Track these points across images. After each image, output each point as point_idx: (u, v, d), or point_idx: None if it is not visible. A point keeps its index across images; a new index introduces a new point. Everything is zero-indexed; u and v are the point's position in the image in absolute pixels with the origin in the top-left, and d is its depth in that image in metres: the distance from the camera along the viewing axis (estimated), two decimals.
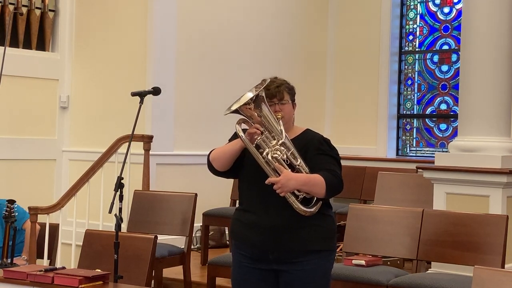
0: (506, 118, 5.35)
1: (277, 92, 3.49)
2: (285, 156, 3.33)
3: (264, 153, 3.32)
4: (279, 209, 3.38)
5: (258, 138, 3.33)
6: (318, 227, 3.43)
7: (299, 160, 3.37)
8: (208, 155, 3.54)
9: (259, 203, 3.44)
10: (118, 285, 3.79)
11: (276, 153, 3.32)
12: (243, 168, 3.51)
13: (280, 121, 3.41)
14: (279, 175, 3.29)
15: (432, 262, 5.12)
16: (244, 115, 3.40)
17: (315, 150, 3.46)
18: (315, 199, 3.38)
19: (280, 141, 3.35)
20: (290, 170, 3.32)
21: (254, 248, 3.46)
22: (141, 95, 4.39)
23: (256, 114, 3.37)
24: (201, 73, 7.42)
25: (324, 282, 3.49)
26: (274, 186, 3.27)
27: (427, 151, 8.28)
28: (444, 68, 8.23)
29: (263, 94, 3.37)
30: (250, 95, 3.35)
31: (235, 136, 3.55)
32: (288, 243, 3.40)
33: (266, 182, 3.29)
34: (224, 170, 3.52)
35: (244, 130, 3.39)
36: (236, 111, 3.38)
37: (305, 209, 3.34)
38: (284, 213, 3.37)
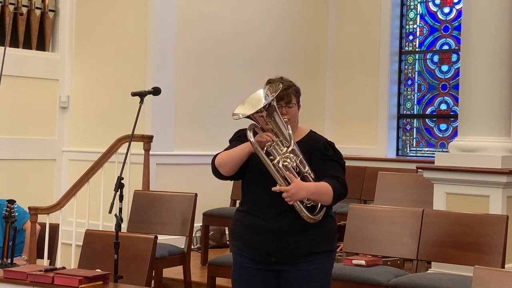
0: (506, 118, 5.35)
1: (285, 95, 3.46)
2: (294, 163, 3.32)
3: (275, 161, 3.29)
4: (282, 212, 3.37)
5: (269, 146, 3.30)
6: (321, 229, 3.43)
7: (307, 167, 3.37)
8: (213, 160, 3.50)
9: (262, 206, 3.43)
10: (118, 285, 3.79)
11: (286, 161, 3.29)
12: (247, 171, 3.49)
13: (289, 125, 3.38)
14: (288, 183, 3.28)
15: (432, 262, 5.12)
16: (254, 121, 3.36)
17: (320, 155, 3.46)
18: (319, 205, 3.38)
19: (290, 148, 3.32)
20: (299, 178, 3.31)
21: (257, 251, 3.46)
22: (141, 95, 4.39)
23: (267, 121, 3.33)
24: (201, 73, 7.42)
25: (325, 282, 3.49)
26: (284, 194, 3.26)
27: (427, 151, 8.28)
28: (444, 68, 8.23)
29: (275, 104, 3.33)
30: (261, 96, 3.30)
31: (236, 136, 3.54)
32: (291, 245, 3.40)
33: (275, 189, 3.27)
34: (231, 175, 3.50)
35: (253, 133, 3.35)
36: (248, 117, 3.33)
37: (311, 216, 3.34)
38: (287, 216, 3.37)
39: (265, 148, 3.31)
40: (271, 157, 3.31)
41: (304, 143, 3.47)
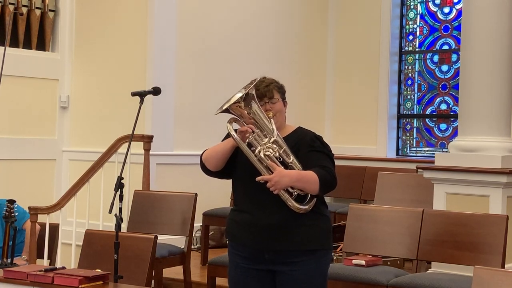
0: (506, 118, 5.35)
1: (266, 91, 3.49)
2: (277, 153, 3.33)
3: (256, 151, 3.31)
4: (275, 208, 3.37)
5: (250, 137, 3.33)
6: (314, 227, 3.43)
7: (291, 157, 3.37)
8: (201, 156, 3.54)
9: (254, 203, 3.44)
10: (118, 285, 3.79)
11: (268, 151, 3.31)
12: (236, 168, 3.51)
13: (272, 119, 3.41)
14: (272, 173, 3.28)
15: (432, 262, 5.12)
16: (234, 114, 3.40)
17: (307, 147, 3.46)
18: (309, 196, 3.38)
19: (272, 139, 3.34)
20: (283, 167, 3.32)
21: (250, 248, 3.46)
22: (141, 95, 4.39)
23: (246, 112, 3.37)
24: (201, 73, 7.42)
25: (321, 281, 3.49)
26: (268, 183, 3.27)
27: (427, 151, 8.28)
28: (444, 68, 8.23)
29: (253, 93, 3.38)
30: (239, 94, 3.35)
31: (228, 136, 3.55)
32: (284, 242, 3.40)
33: (258, 179, 3.28)
34: (217, 170, 3.52)
35: (235, 130, 3.39)
36: (226, 110, 3.38)
37: (299, 206, 3.34)
38: (280, 212, 3.37)
39: (247, 140, 3.33)
40: (253, 148, 3.33)
41: (291, 137, 3.49)
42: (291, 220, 3.38)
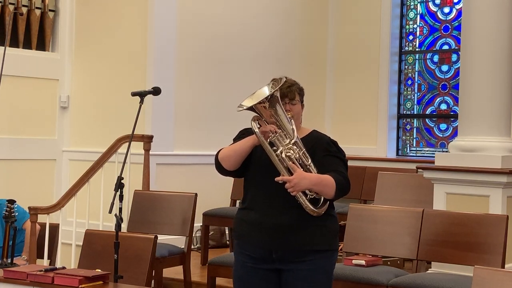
0: (506, 118, 5.35)
1: (288, 92, 3.52)
2: (297, 155, 3.35)
3: (278, 151, 3.33)
4: (285, 208, 3.39)
5: (272, 136, 3.34)
6: (323, 227, 3.45)
7: (309, 160, 3.40)
8: (216, 155, 3.53)
9: (264, 202, 3.44)
10: (118, 285, 3.80)
11: (289, 152, 3.33)
12: (250, 167, 3.51)
13: (292, 120, 3.42)
14: (291, 173, 3.29)
15: (432, 262, 5.12)
16: (257, 113, 3.40)
17: (323, 151, 3.48)
18: (322, 199, 3.39)
19: (293, 140, 3.36)
20: (302, 169, 3.33)
21: (258, 247, 3.46)
22: (141, 95, 4.39)
23: (269, 112, 3.37)
24: (201, 73, 7.42)
25: (327, 281, 3.50)
26: (287, 184, 3.28)
27: (427, 151, 8.28)
28: (444, 68, 8.23)
29: (278, 95, 3.38)
30: (265, 91, 3.34)
31: (240, 134, 3.57)
32: (293, 242, 3.41)
33: (278, 179, 3.29)
34: (234, 169, 3.51)
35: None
36: (251, 109, 3.38)
37: (314, 209, 3.36)
38: (290, 212, 3.39)
39: (268, 139, 3.34)
40: (274, 147, 3.34)
41: (306, 140, 3.50)
42: (301, 220, 3.39)
